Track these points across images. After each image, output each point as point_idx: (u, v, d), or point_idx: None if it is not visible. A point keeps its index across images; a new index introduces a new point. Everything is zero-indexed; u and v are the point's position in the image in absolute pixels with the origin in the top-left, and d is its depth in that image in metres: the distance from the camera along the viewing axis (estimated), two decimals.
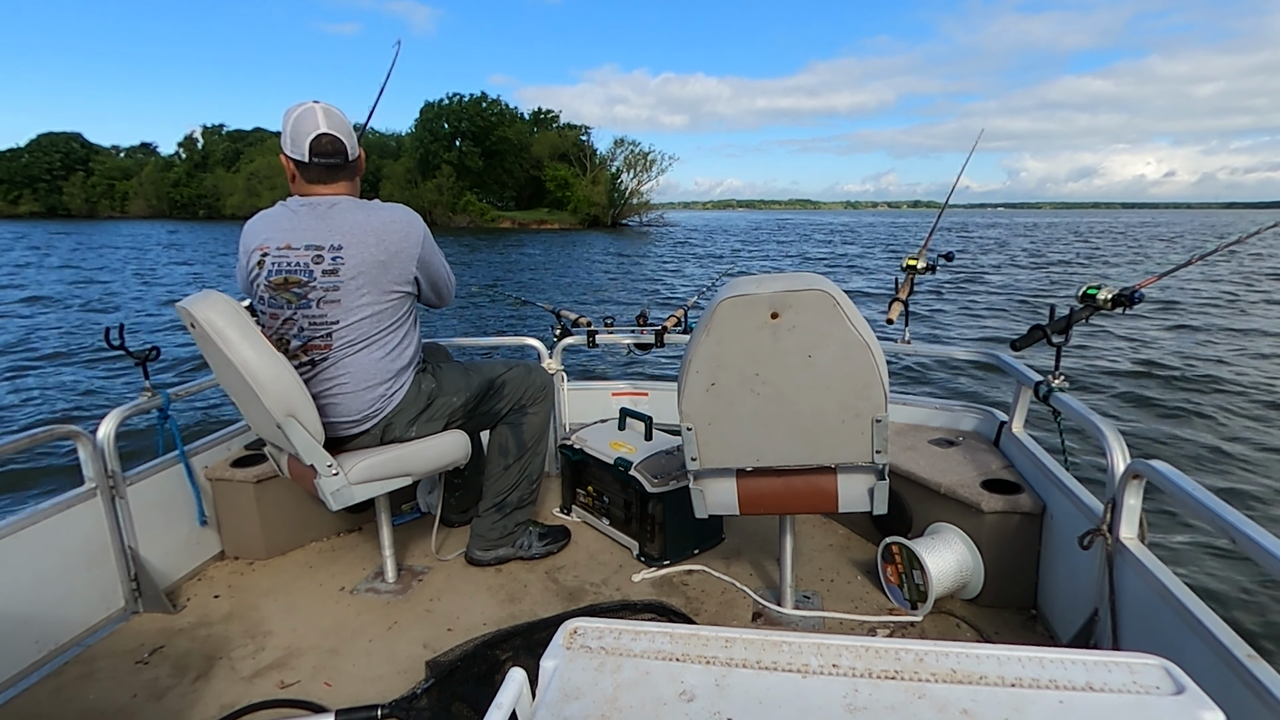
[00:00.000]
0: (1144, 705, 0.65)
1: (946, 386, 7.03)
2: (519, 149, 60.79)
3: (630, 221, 60.65)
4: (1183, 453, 5.22)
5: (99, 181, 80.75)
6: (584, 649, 0.77)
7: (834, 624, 1.88)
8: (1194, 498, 1.22)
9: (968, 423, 2.39)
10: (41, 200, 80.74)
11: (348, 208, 1.78)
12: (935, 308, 12.82)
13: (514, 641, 1.77)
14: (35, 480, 4.80)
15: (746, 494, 1.66)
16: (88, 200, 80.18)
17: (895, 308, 2.35)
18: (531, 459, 2.17)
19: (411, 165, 58.09)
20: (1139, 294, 1.79)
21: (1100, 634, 1.53)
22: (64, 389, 7.59)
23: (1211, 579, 3.43)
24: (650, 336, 2.67)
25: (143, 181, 78.52)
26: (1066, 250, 30.46)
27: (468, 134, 58.98)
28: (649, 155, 59.72)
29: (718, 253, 30.38)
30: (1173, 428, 5.78)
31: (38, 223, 64.58)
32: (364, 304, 1.78)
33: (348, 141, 1.79)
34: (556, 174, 59.46)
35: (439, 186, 57.06)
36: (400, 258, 1.79)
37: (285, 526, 2.30)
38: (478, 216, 57.32)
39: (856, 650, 0.74)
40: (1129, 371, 7.65)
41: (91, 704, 1.63)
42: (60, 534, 1.79)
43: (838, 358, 1.42)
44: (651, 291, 15.94)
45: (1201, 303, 12.83)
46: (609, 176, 59.51)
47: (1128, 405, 6.48)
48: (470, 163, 58.47)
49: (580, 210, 57.49)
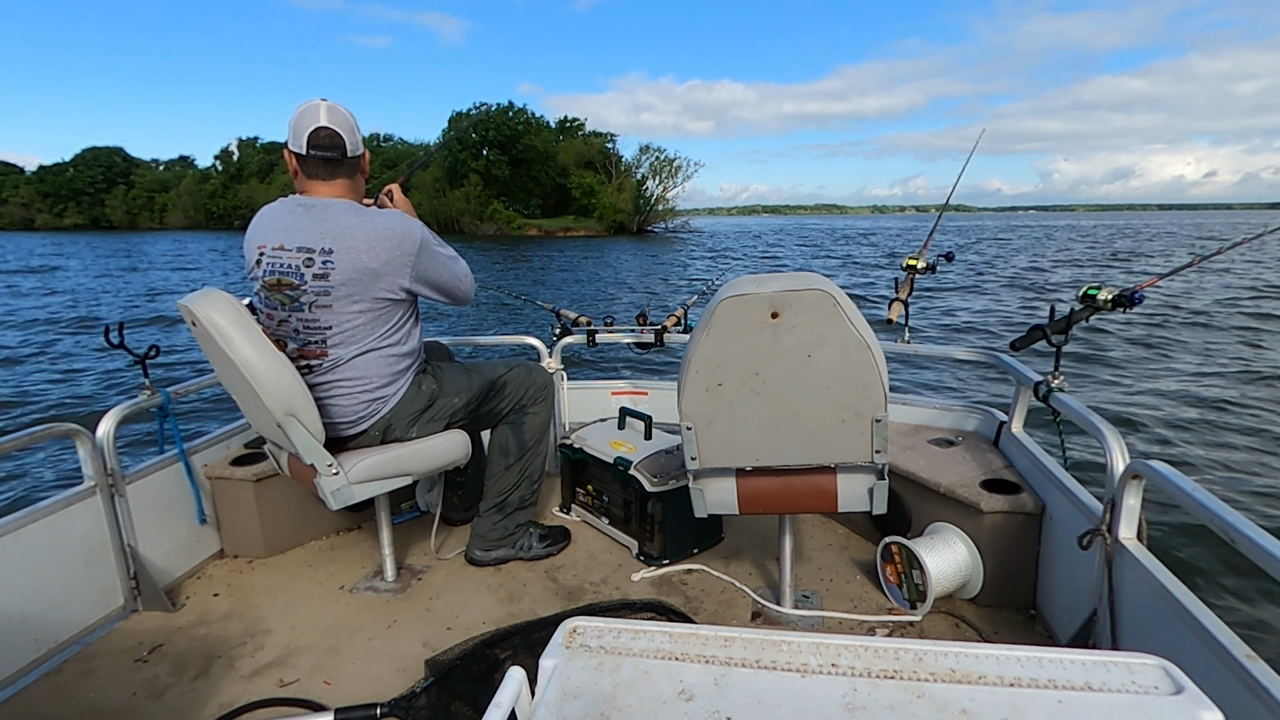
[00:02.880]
0: (1143, 705, 0.65)
1: (946, 387, 7.03)
2: (545, 157, 60.98)
3: (656, 228, 60.59)
4: (1182, 453, 5.22)
5: (139, 194, 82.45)
6: (583, 648, 0.77)
7: (833, 623, 1.88)
8: (1193, 498, 1.22)
9: (967, 423, 2.39)
10: (85, 213, 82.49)
11: (342, 211, 1.75)
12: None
13: (513, 640, 1.77)
14: (35, 479, 4.80)
15: (746, 493, 1.66)
16: (128, 212, 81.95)
17: (895, 307, 2.35)
18: (532, 459, 2.17)
19: (440, 174, 58.39)
20: (1139, 295, 1.79)
21: (1099, 634, 1.53)
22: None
23: (1211, 579, 3.43)
24: (650, 336, 2.67)
25: (180, 193, 79.97)
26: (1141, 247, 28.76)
27: (495, 143, 59.27)
28: (674, 161, 59.62)
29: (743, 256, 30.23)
30: (1172, 427, 5.78)
31: (81, 234, 65.83)
32: (356, 310, 1.76)
33: (347, 138, 1.76)
34: (582, 181, 59.49)
35: (466, 195, 57.53)
36: (392, 266, 1.75)
37: (285, 525, 2.30)
38: (504, 224, 57.67)
39: (856, 650, 0.74)
40: (1129, 371, 7.66)
41: (91, 702, 1.63)
42: (59, 532, 1.79)
43: (837, 357, 1.42)
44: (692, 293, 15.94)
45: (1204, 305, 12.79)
46: (634, 183, 59.48)
47: (1128, 405, 6.48)
48: (497, 171, 58.80)
49: (606, 217, 57.53)
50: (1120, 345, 9.04)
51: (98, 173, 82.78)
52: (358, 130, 1.81)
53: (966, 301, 14.43)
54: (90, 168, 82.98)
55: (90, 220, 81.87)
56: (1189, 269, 2.05)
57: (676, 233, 59.73)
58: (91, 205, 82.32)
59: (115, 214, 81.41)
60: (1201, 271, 17.37)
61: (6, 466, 4.92)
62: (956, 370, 7.40)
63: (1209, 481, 4.60)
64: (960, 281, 17.95)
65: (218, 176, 79.58)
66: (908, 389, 6.35)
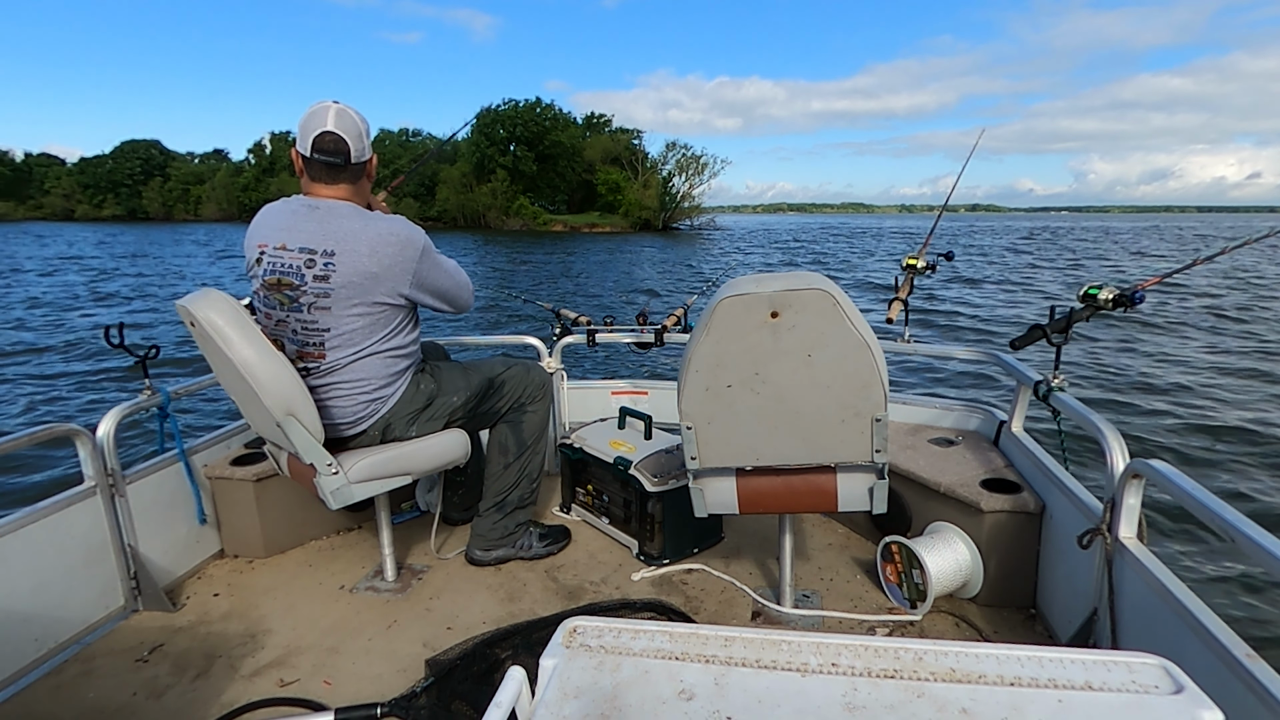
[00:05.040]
0: (1143, 704, 0.65)
1: (947, 385, 7.03)
2: (571, 153, 61.01)
3: (681, 225, 60.45)
4: (1183, 452, 5.22)
5: (175, 186, 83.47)
6: (583, 648, 0.77)
7: (833, 623, 1.88)
8: (1193, 497, 1.22)
9: (967, 422, 2.39)
10: (123, 204, 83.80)
11: (346, 214, 1.74)
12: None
13: (513, 640, 1.77)
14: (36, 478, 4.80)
15: (746, 493, 1.66)
16: (164, 204, 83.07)
17: (895, 307, 2.35)
18: (531, 458, 2.17)
19: (467, 170, 58.58)
20: (1140, 294, 1.79)
21: (1099, 633, 1.53)
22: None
23: (1211, 578, 3.43)
24: (650, 335, 2.67)
25: (215, 186, 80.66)
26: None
27: (522, 139, 59.31)
28: (701, 159, 59.45)
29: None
30: (1172, 427, 5.77)
31: (120, 225, 67.07)
32: (355, 313, 1.75)
33: (352, 144, 1.74)
34: (608, 178, 59.43)
35: (493, 191, 57.72)
36: (393, 272, 1.74)
37: (285, 525, 2.30)
38: (530, 220, 57.80)
39: (856, 649, 0.74)
40: (1128, 372, 7.65)
41: (91, 702, 1.63)
42: (60, 532, 1.79)
43: (837, 357, 1.42)
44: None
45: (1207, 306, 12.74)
46: (660, 180, 59.35)
47: (1128, 404, 6.48)
48: (524, 167, 58.86)
49: (631, 214, 57.45)
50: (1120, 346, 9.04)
51: (135, 165, 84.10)
52: (366, 135, 1.79)
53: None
54: (128, 160, 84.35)
55: (128, 211, 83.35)
56: (1191, 268, 2.05)
57: (701, 230, 59.63)
58: (129, 197, 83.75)
59: (152, 205, 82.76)
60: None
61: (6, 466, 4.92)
62: (959, 370, 7.40)
63: (1209, 480, 4.60)
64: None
65: (251, 169, 79.71)
66: (909, 386, 6.36)
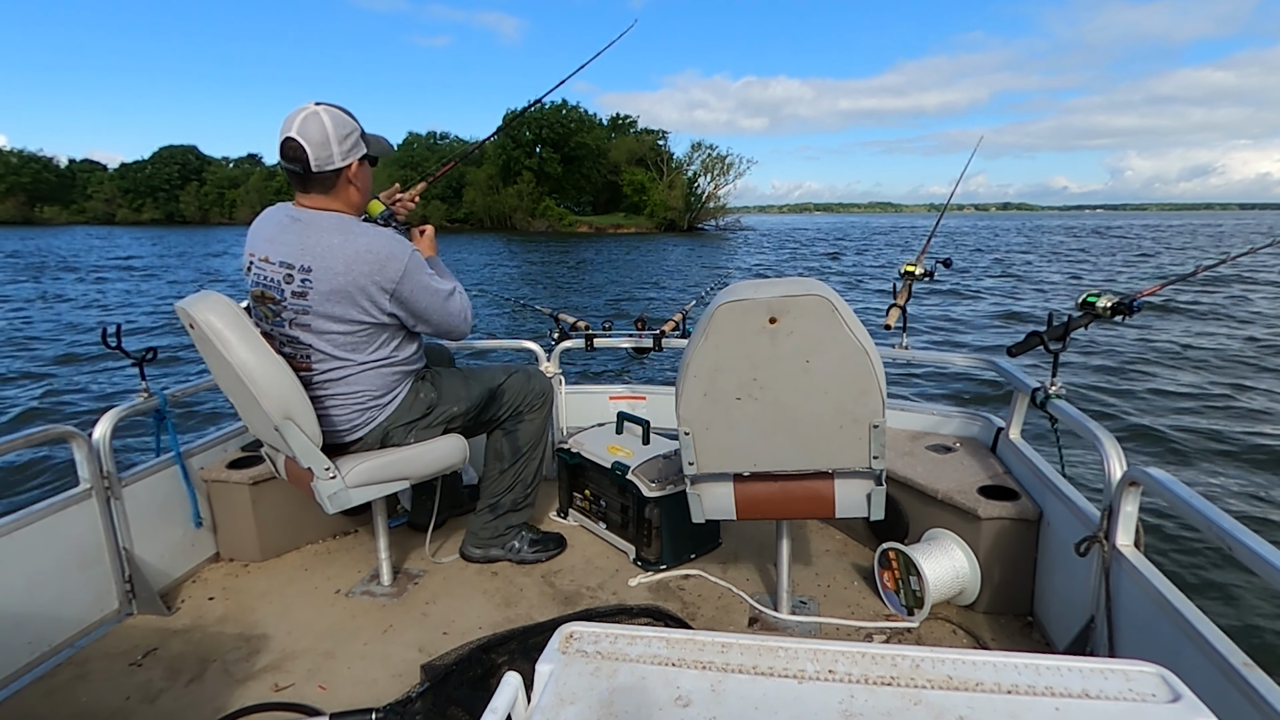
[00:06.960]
0: (1140, 713, 0.65)
1: (946, 389, 7.04)
2: (597, 154, 61.42)
3: (706, 225, 60.56)
4: (1180, 459, 5.23)
5: (211, 190, 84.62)
6: (579, 653, 0.77)
7: (830, 630, 1.87)
8: (1191, 505, 1.22)
9: (965, 429, 2.39)
10: (161, 208, 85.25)
11: (326, 227, 1.69)
12: None
13: (509, 645, 1.77)
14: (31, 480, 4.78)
15: (744, 499, 1.66)
16: (200, 208, 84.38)
17: (893, 313, 2.35)
18: (527, 464, 2.17)
19: (494, 172, 59.00)
20: (1138, 303, 1.80)
21: (1097, 641, 1.53)
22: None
23: (1208, 587, 3.42)
24: (649, 340, 2.67)
25: (249, 190, 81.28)
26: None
27: (548, 140, 59.73)
28: (726, 159, 59.67)
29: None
30: (1171, 433, 5.78)
31: (160, 229, 68.21)
32: (336, 330, 1.73)
33: (312, 151, 1.64)
34: (633, 179, 59.73)
35: (519, 192, 58.20)
36: (369, 290, 1.69)
37: (280, 529, 2.29)
38: (556, 221, 58.19)
39: (853, 656, 0.74)
40: (1129, 376, 7.67)
41: (84, 706, 1.62)
42: (54, 535, 1.79)
43: (835, 363, 1.42)
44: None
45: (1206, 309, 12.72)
46: (685, 181, 59.54)
47: (1126, 411, 6.49)
48: (549, 168, 59.27)
49: (656, 215, 57.68)
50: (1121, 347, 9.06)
51: (173, 170, 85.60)
52: (339, 142, 1.67)
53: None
54: (167, 165, 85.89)
55: (166, 215, 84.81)
56: (1191, 278, 2.06)
57: (727, 230, 59.63)
58: (167, 201, 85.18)
59: (189, 209, 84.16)
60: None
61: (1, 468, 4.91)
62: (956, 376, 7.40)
63: (1207, 488, 4.60)
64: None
65: (283, 173, 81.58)
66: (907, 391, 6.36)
